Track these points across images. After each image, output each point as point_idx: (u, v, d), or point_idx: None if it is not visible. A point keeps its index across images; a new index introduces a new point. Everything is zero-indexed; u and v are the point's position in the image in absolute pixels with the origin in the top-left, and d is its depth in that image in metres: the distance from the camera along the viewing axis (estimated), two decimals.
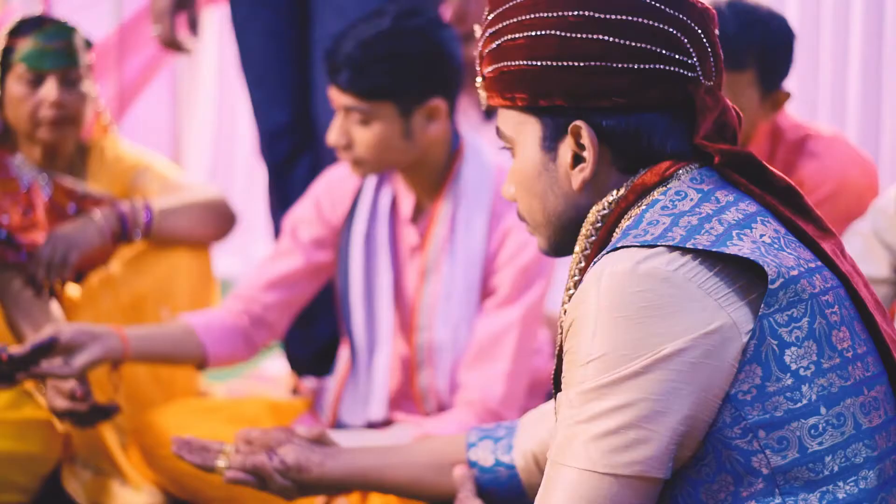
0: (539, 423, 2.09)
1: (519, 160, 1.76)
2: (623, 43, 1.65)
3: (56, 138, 3.42)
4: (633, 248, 1.56)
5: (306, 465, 2.19)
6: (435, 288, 2.92)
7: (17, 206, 3.33)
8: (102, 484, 3.12)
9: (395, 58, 2.75)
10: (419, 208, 2.98)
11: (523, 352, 2.85)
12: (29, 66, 3.35)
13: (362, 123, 2.79)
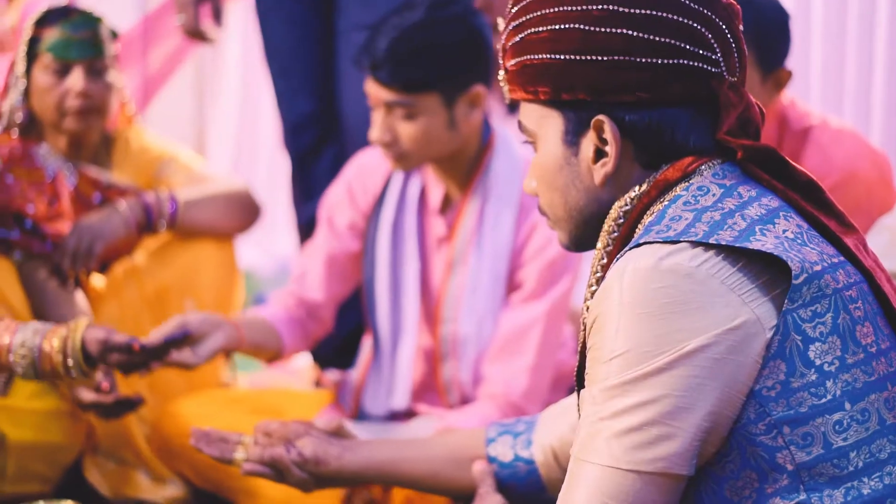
0: (559, 418, 2.09)
1: (541, 154, 1.76)
2: (646, 37, 1.64)
3: (82, 128, 3.42)
4: (655, 244, 1.56)
5: (324, 458, 2.20)
6: (461, 280, 2.91)
7: (42, 195, 3.34)
8: (125, 474, 3.13)
9: (436, 47, 2.73)
10: (448, 199, 2.98)
11: (548, 346, 2.85)
12: (55, 56, 3.35)
13: (407, 118, 2.77)
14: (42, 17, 3.40)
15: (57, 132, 3.44)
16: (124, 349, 2.46)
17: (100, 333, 2.45)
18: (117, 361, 2.46)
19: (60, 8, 3.44)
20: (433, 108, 2.76)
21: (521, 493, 2.11)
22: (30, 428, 3.00)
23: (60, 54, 3.35)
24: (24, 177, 3.34)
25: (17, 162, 3.36)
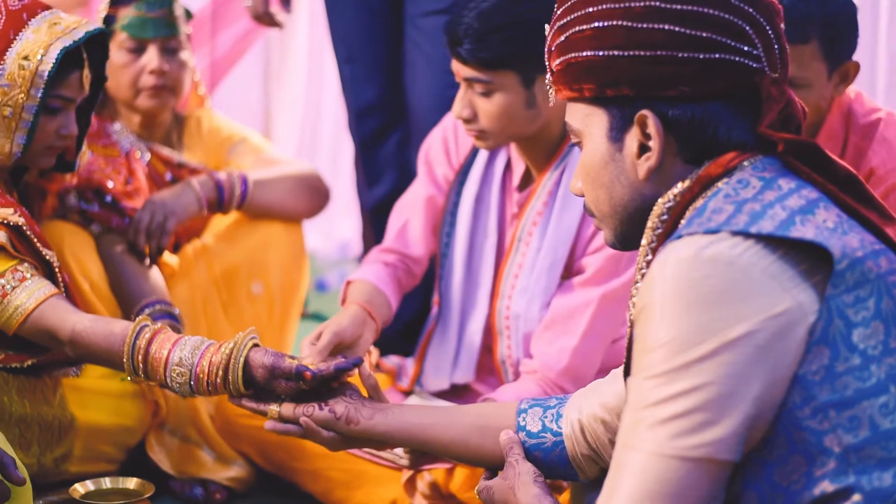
0: (590, 395, 2.10)
1: (586, 152, 1.79)
2: (689, 33, 1.67)
3: (156, 106, 3.46)
4: (696, 235, 1.58)
5: (354, 418, 2.25)
6: (520, 258, 2.92)
7: (118, 172, 3.36)
8: (189, 452, 3.15)
9: (515, 26, 2.72)
10: (527, 177, 2.98)
11: (596, 332, 2.84)
12: (131, 35, 3.40)
13: (485, 95, 2.78)
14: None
15: (130, 110, 3.47)
16: (294, 377, 2.35)
17: (267, 359, 2.36)
18: (284, 390, 2.36)
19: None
20: (511, 87, 2.76)
21: (546, 465, 2.12)
22: (99, 410, 3.03)
23: (135, 33, 3.40)
24: (100, 152, 3.37)
25: (92, 137, 3.40)
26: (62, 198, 3.24)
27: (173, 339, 2.49)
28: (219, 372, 2.40)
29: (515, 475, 2.04)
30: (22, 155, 2.78)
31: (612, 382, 2.07)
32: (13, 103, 2.72)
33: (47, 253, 2.75)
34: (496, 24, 2.71)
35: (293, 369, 2.32)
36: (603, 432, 2.06)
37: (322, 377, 2.32)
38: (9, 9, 2.75)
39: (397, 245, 3.11)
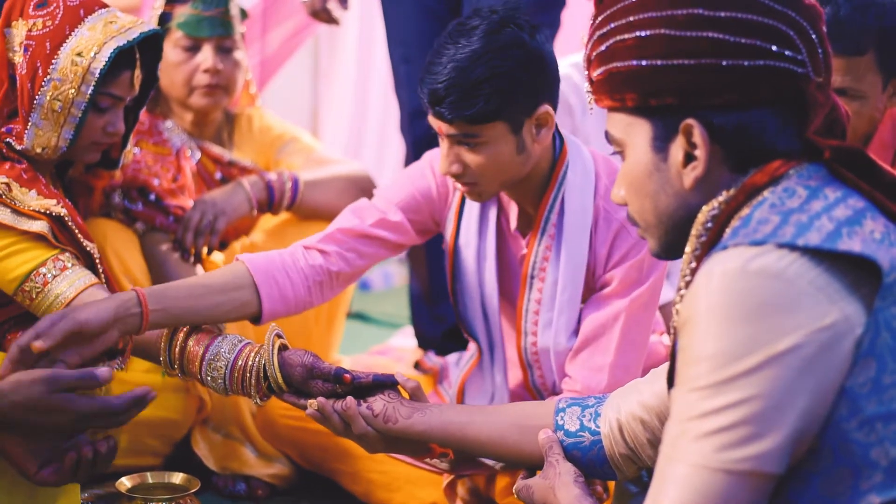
0: (629, 395, 2.10)
1: (629, 162, 1.77)
2: (733, 40, 1.65)
3: (208, 105, 3.49)
4: (742, 247, 1.57)
5: (393, 416, 2.27)
6: (537, 294, 2.86)
7: (166, 169, 3.39)
8: (232, 449, 3.17)
9: (497, 77, 2.57)
10: (524, 217, 2.89)
11: (629, 344, 2.80)
12: (186, 33, 3.43)
13: (473, 149, 2.66)
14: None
15: (183, 108, 3.50)
16: (332, 379, 2.38)
17: (307, 358, 2.40)
18: (320, 390, 2.38)
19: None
20: (500, 137, 2.64)
21: (584, 464, 2.12)
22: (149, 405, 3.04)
23: (191, 31, 3.43)
24: (151, 150, 3.39)
25: (144, 135, 3.43)
26: (107, 196, 3.27)
27: (211, 335, 2.51)
28: (255, 371, 2.43)
29: (556, 475, 2.05)
30: (67, 149, 2.80)
31: (651, 382, 2.07)
32: (63, 98, 2.74)
33: (88, 244, 2.76)
34: (478, 79, 2.57)
35: (332, 371, 2.36)
36: (641, 431, 2.06)
37: (359, 384, 2.35)
38: (67, 5, 2.77)
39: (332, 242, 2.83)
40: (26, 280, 2.66)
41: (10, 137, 2.76)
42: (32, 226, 2.66)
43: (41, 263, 2.65)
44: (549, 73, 2.67)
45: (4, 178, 2.69)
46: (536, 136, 2.69)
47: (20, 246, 2.66)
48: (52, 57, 2.73)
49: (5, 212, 2.66)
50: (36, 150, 2.77)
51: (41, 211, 2.68)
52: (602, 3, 1.77)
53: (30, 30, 2.75)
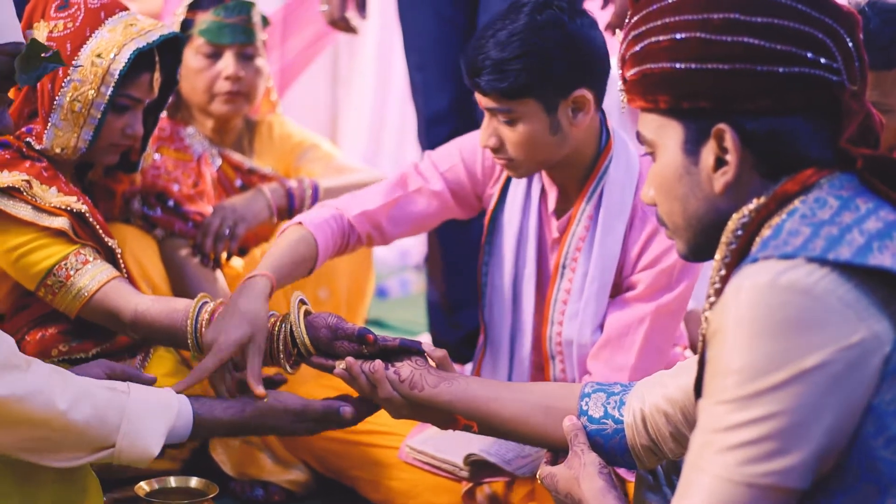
0: (655, 387, 2.09)
1: (660, 164, 1.76)
2: (768, 46, 1.64)
3: (229, 112, 3.49)
4: (772, 260, 1.56)
5: (419, 384, 2.27)
6: (567, 284, 2.90)
7: (188, 176, 3.39)
8: (250, 455, 3.15)
9: (532, 55, 2.65)
10: (563, 202, 2.94)
11: (652, 347, 2.82)
12: (208, 40, 3.43)
13: (509, 124, 2.73)
14: (195, 0, 3.46)
15: (203, 115, 3.50)
16: (356, 339, 2.40)
17: (331, 319, 2.43)
18: (346, 350, 2.41)
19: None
20: (533, 115, 2.71)
21: (606, 451, 2.12)
22: None
23: (213, 38, 3.43)
24: (172, 156, 3.39)
25: (165, 140, 3.44)
26: (127, 202, 3.27)
27: None
28: (283, 337, 2.46)
29: (580, 465, 2.04)
30: (86, 150, 2.81)
31: (677, 375, 2.06)
32: (83, 99, 2.75)
33: (109, 240, 2.78)
34: (513, 54, 2.65)
35: (356, 331, 2.39)
36: (664, 424, 2.06)
37: (384, 346, 2.37)
38: (88, 7, 2.79)
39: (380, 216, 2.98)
40: (48, 275, 2.68)
41: (30, 137, 2.78)
42: (53, 222, 2.68)
43: (63, 258, 2.68)
44: (588, 57, 2.72)
45: (25, 176, 2.71)
46: (573, 119, 2.74)
47: (41, 242, 2.69)
48: (73, 58, 2.75)
49: (26, 208, 2.68)
50: (55, 151, 2.78)
51: (62, 207, 2.70)
52: (638, 4, 1.77)
53: (51, 31, 2.76)
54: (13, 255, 2.70)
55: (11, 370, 2.01)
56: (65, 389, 2.09)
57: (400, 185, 3.02)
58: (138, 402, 2.18)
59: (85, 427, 2.10)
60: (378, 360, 2.33)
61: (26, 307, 2.86)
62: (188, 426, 2.24)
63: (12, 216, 2.68)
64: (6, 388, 2.00)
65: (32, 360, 2.07)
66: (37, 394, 2.03)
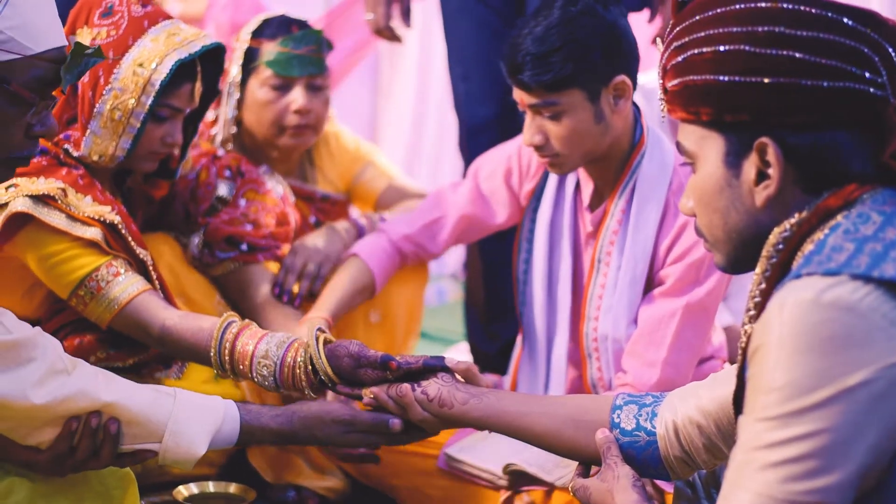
0: (687, 398, 2.08)
1: (700, 175, 1.75)
2: (813, 60, 1.63)
3: (298, 145, 3.43)
4: (815, 276, 1.55)
5: (448, 401, 2.26)
6: (602, 279, 2.92)
7: (270, 218, 3.30)
8: (288, 461, 3.16)
9: (570, 44, 2.72)
10: (597, 196, 2.98)
11: (684, 343, 2.83)
12: (276, 73, 3.34)
13: (554, 118, 2.78)
14: (260, 27, 3.39)
15: (269, 146, 3.44)
16: (379, 366, 2.38)
17: (353, 347, 2.41)
18: (371, 378, 2.38)
19: (279, 19, 3.43)
20: (578, 105, 2.77)
21: (639, 463, 2.11)
22: None
23: (282, 71, 3.35)
24: (258, 199, 3.30)
25: (250, 183, 3.33)
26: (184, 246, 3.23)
27: (259, 333, 2.53)
28: (304, 365, 2.44)
29: (614, 478, 2.03)
30: (124, 158, 2.82)
31: (711, 387, 2.05)
32: (123, 107, 2.76)
33: (141, 252, 2.79)
34: (553, 46, 2.72)
35: (378, 358, 2.37)
36: (697, 436, 2.04)
37: (408, 369, 2.35)
38: (131, 15, 2.79)
39: (422, 237, 3.20)
40: (80, 285, 2.69)
41: (68, 144, 2.79)
42: (86, 232, 2.69)
43: (95, 269, 2.69)
44: (624, 43, 2.79)
45: (61, 184, 2.71)
46: (615, 105, 2.80)
47: (74, 252, 2.69)
48: (115, 66, 2.76)
49: (60, 217, 2.69)
50: (93, 158, 2.79)
51: (95, 218, 2.70)
52: (681, 14, 1.76)
53: (94, 38, 2.77)
54: (47, 263, 2.71)
55: (57, 375, 2.02)
56: (109, 387, 2.10)
57: (436, 206, 3.19)
58: (184, 403, 2.18)
59: (128, 423, 2.11)
60: (405, 383, 2.32)
61: (61, 311, 2.87)
62: (235, 432, 2.23)
63: (46, 224, 2.68)
64: (52, 393, 2.01)
65: (77, 362, 2.08)
66: (81, 395, 2.05)
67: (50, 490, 2.14)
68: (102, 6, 2.81)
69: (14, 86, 1.92)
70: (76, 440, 2.08)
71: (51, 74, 1.97)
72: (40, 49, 1.94)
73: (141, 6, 2.83)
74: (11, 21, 1.90)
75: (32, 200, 2.68)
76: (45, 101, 2.00)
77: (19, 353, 1.98)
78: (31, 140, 2.01)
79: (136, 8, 2.81)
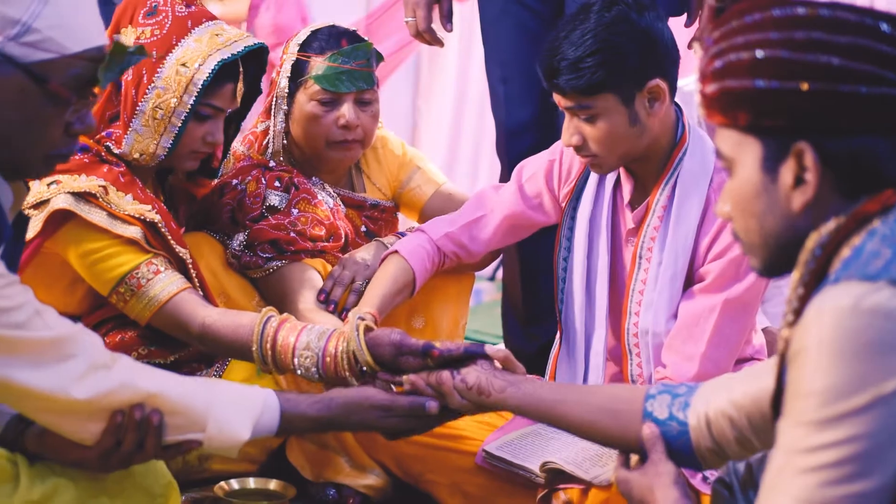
0: (720, 390, 2.09)
1: (737, 180, 1.75)
2: (851, 66, 1.63)
3: (345, 158, 3.39)
4: (854, 282, 1.55)
5: (486, 389, 2.30)
6: (643, 275, 2.95)
7: (319, 227, 3.29)
8: (328, 459, 3.16)
9: (605, 50, 2.76)
10: (638, 194, 3.00)
11: (723, 338, 2.86)
12: (325, 88, 3.29)
13: (589, 121, 2.82)
14: (308, 39, 3.34)
15: (317, 159, 3.40)
16: (420, 354, 2.41)
17: (394, 336, 2.44)
18: (412, 366, 2.42)
19: (328, 30, 3.38)
20: (612, 109, 2.81)
21: (670, 453, 2.12)
22: None
23: (331, 86, 3.29)
24: (309, 210, 3.30)
25: (304, 193, 3.33)
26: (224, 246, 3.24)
27: (299, 326, 2.57)
28: (346, 354, 2.47)
29: (656, 474, 2.06)
30: (165, 157, 2.84)
31: (744, 381, 2.05)
32: (165, 106, 2.78)
33: (181, 250, 2.81)
34: (587, 51, 2.76)
35: (420, 346, 2.40)
36: (729, 429, 2.05)
37: (449, 356, 2.38)
38: (175, 15, 2.82)
39: (463, 236, 3.20)
40: (120, 283, 2.72)
41: (110, 141, 2.82)
42: (126, 230, 2.71)
43: (135, 267, 2.71)
44: (658, 47, 2.81)
45: (102, 182, 2.74)
46: (650, 109, 2.84)
47: (114, 249, 2.72)
48: (158, 66, 2.78)
49: (101, 214, 2.71)
50: (134, 156, 2.82)
51: (135, 216, 2.72)
52: (720, 19, 1.76)
53: (138, 37, 2.80)
54: (87, 259, 2.74)
55: (98, 370, 2.04)
56: (150, 379, 2.12)
57: (479, 206, 3.22)
58: (225, 391, 2.21)
59: (171, 413, 2.13)
60: (444, 371, 2.35)
61: (102, 306, 2.89)
62: (275, 420, 2.24)
63: (88, 221, 2.71)
64: (94, 387, 2.03)
65: (118, 356, 2.09)
66: (123, 387, 2.06)
67: (95, 492, 2.16)
68: (147, 5, 2.83)
69: (53, 85, 1.95)
70: (122, 433, 2.10)
71: (90, 73, 1.99)
72: (79, 49, 1.97)
73: (185, 6, 2.85)
74: (51, 20, 1.93)
75: (74, 197, 2.71)
76: (84, 99, 2.02)
77: (61, 349, 1.99)
78: (71, 138, 2.03)
79: (180, 8, 2.84)
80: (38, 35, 1.92)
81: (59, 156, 2.05)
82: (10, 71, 1.93)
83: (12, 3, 1.92)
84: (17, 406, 2.07)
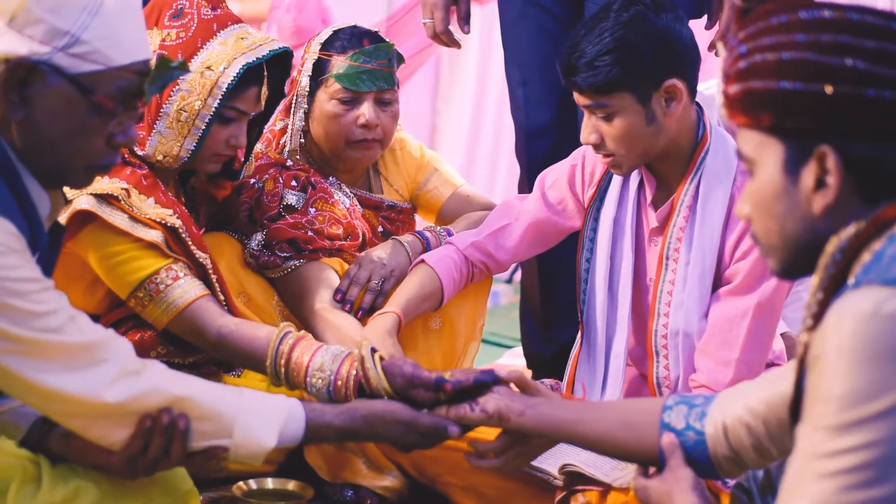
0: (736, 398, 2.10)
1: (758, 181, 1.75)
2: (877, 70, 1.63)
3: (364, 158, 3.40)
4: (874, 287, 1.55)
5: (506, 414, 2.31)
6: (671, 275, 2.96)
7: (337, 226, 3.31)
8: (345, 460, 3.16)
9: (622, 49, 2.79)
10: (662, 193, 3.01)
11: (755, 341, 2.87)
12: (346, 87, 3.30)
13: (606, 119, 2.85)
14: (330, 39, 3.36)
15: (336, 158, 3.42)
16: (433, 388, 2.41)
17: (406, 368, 2.44)
18: (423, 399, 2.42)
19: (349, 30, 3.39)
20: (628, 107, 2.84)
21: (688, 462, 2.13)
22: None
23: (351, 85, 3.30)
24: (326, 209, 3.31)
25: (321, 193, 3.34)
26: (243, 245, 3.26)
27: (315, 346, 2.58)
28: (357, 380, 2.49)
29: (675, 480, 2.07)
30: (189, 159, 2.85)
31: (761, 387, 2.06)
32: (189, 109, 2.79)
33: (200, 255, 2.81)
34: (603, 50, 2.79)
35: (432, 380, 2.40)
36: (746, 436, 2.06)
37: (461, 388, 2.39)
38: (201, 18, 2.83)
39: (489, 245, 3.23)
40: (139, 287, 2.72)
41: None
42: (147, 234, 2.71)
43: (155, 272, 2.72)
44: (675, 47, 2.84)
45: (124, 184, 2.74)
46: (667, 108, 2.86)
47: (135, 253, 2.72)
48: None
49: (122, 217, 2.72)
50: (157, 158, 2.83)
51: (157, 220, 2.73)
52: (745, 21, 1.76)
53: (163, 39, 2.81)
54: (108, 262, 2.75)
55: (129, 375, 2.05)
56: (180, 383, 2.13)
57: (504, 215, 3.25)
58: (252, 399, 2.21)
59: (200, 419, 2.14)
60: (463, 405, 2.37)
61: (120, 305, 2.89)
62: (300, 429, 2.25)
63: (109, 223, 2.72)
64: (125, 392, 2.04)
65: (148, 362, 2.11)
66: (153, 391, 2.08)
67: (117, 495, 2.17)
68: (173, 8, 2.84)
69: (98, 96, 1.97)
70: (149, 438, 2.10)
71: (135, 86, 2.01)
72: (126, 61, 2.00)
73: (211, 9, 2.86)
74: (99, 32, 1.96)
75: (96, 199, 2.72)
76: (129, 111, 2.04)
77: (93, 353, 2.01)
78: (112, 149, 2.06)
79: (205, 11, 2.85)
80: (86, 46, 1.95)
81: (100, 167, 2.08)
82: (57, 81, 1.96)
83: (62, 14, 1.95)
84: (46, 410, 2.08)
